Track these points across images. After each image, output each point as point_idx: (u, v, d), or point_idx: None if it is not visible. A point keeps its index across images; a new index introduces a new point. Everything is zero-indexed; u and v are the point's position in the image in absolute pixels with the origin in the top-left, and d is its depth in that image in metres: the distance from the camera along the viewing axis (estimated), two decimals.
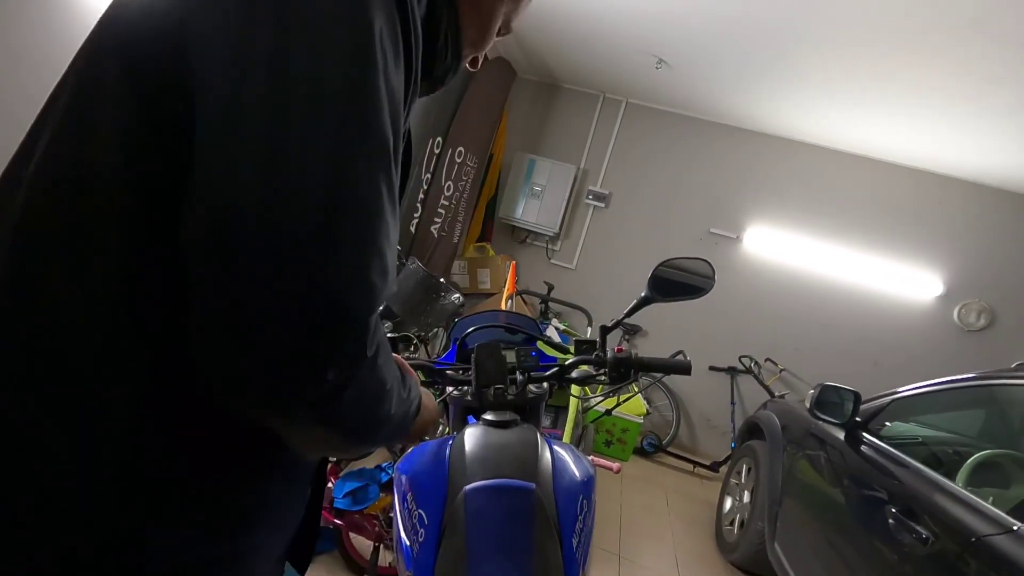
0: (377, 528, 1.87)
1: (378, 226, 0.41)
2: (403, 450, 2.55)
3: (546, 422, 2.50)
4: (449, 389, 1.25)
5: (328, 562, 1.97)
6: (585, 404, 2.64)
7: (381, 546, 1.85)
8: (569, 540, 0.91)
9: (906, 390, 2.08)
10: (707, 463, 4.03)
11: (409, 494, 0.97)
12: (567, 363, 1.21)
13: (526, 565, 0.84)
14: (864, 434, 2.01)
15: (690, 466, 4.07)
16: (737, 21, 2.88)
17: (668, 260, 1.17)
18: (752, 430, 3.13)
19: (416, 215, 3.87)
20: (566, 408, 2.48)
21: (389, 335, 1.14)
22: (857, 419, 2.04)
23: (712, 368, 4.35)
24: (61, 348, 0.41)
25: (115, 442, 0.42)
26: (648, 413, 3.97)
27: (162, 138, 0.40)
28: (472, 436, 1.01)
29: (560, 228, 4.67)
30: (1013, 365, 1.84)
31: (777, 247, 4.34)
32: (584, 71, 4.36)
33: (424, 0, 0.53)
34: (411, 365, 1.19)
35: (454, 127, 3.89)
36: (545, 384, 1.24)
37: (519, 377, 1.18)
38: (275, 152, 0.37)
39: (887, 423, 2.07)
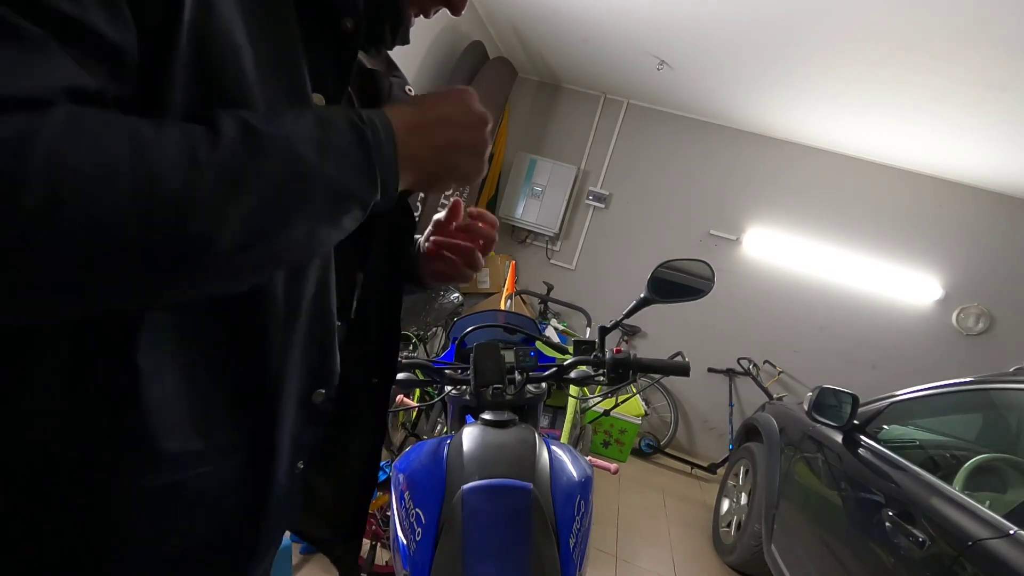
0: (374, 527, 1.86)
1: None
2: (401, 447, 2.56)
3: (544, 422, 2.50)
4: (448, 388, 1.25)
5: (324, 560, 1.96)
6: (583, 405, 2.64)
7: (378, 544, 1.85)
8: (566, 540, 0.91)
9: (904, 394, 2.08)
10: (705, 465, 4.04)
11: (407, 493, 0.97)
12: (566, 363, 1.21)
13: (523, 565, 0.84)
14: (862, 437, 2.01)
15: (688, 468, 4.07)
16: (738, 24, 2.88)
17: (667, 261, 1.17)
18: (750, 432, 3.13)
19: (416, 214, 3.87)
20: (564, 408, 2.48)
21: None
22: (855, 422, 2.04)
23: (711, 370, 4.35)
24: None
25: None
26: (646, 414, 3.97)
27: None
28: (470, 435, 1.01)
29: (560, 228, 4.67)
30: (1011, 369, 1.84)
31: (777, 249, 4.34)
32: (585, 72, 4.36)
33: None
34: (409, 364, 1.20)
35: None
36: (543, 384, 1.24)
37: (517, 377, 1.18)
38: None
39: (885, 426, 2.07)
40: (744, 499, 2.85)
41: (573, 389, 2.24)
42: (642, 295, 1.16)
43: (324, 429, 0.59)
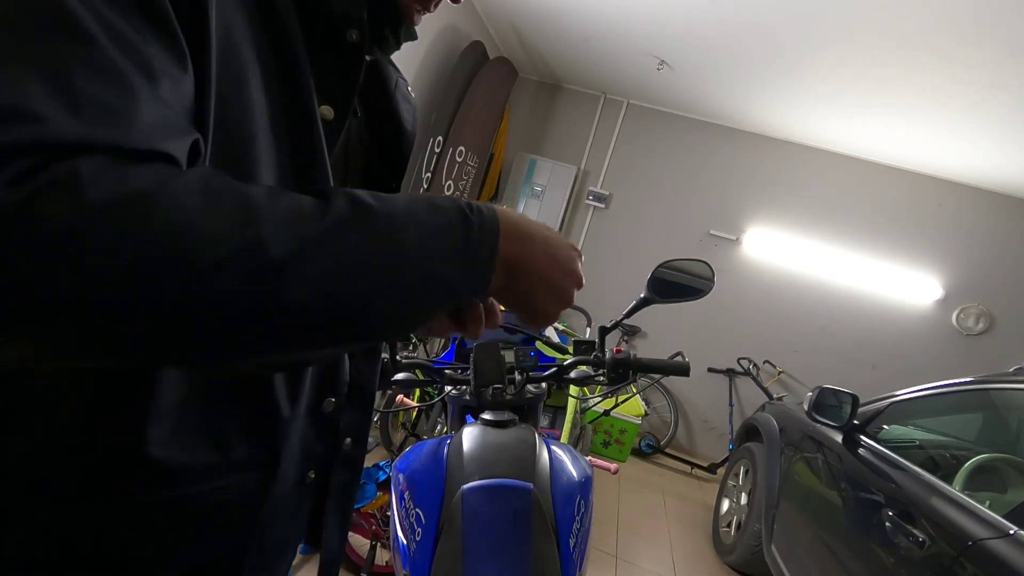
0: (374, 526, 1.86)
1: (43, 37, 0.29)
2: (401, 447, 2.55)
3: (544, 422, 2.50)
4: (448, 388, 1.25)
5: None
6: (583, 405, 2.64)
7: (378, 544, 1.85)
8: (566, 540, 0.91)
9: (904, 393, 2.08)
10: (705, 465, 4.04)
11: (407, 493, 0.97)
12: (566, 363, 1.21)
13: (523, 565, 0.84)
14: (862, 437, 2.01)
15: (688, 468, 4.07)
16: (738, 24, 2.88)
17: (667, 261, 1.17)
18: (750, 432, 3.13)
19: None
20: (564, 408, 2.48)
21: None
22: (855, 422, 2.04)
23: (711, 370, 4.35)
24: None
25: None
26: (646, 414, 3.97)
27: None
28: (470, 435, 1.01)
29: (560, 228, 4.67)
30: (1011, 369, 1.85)
31: (776, 249, 4.34)
32: (586, 72, 4.36)
33: None
34: (409, 364, 1.20)
35: (455, 127, 3.88)
36: (543, 384, 1.24)
37: (517, 377, 1.18)
38: None
39: (885, 426, 2.07)
40: (744, 499, 2.85)
41: (573, 389, 2.24)
42: (642, 295, 1.16)
43: (333, 438, 0.59)
